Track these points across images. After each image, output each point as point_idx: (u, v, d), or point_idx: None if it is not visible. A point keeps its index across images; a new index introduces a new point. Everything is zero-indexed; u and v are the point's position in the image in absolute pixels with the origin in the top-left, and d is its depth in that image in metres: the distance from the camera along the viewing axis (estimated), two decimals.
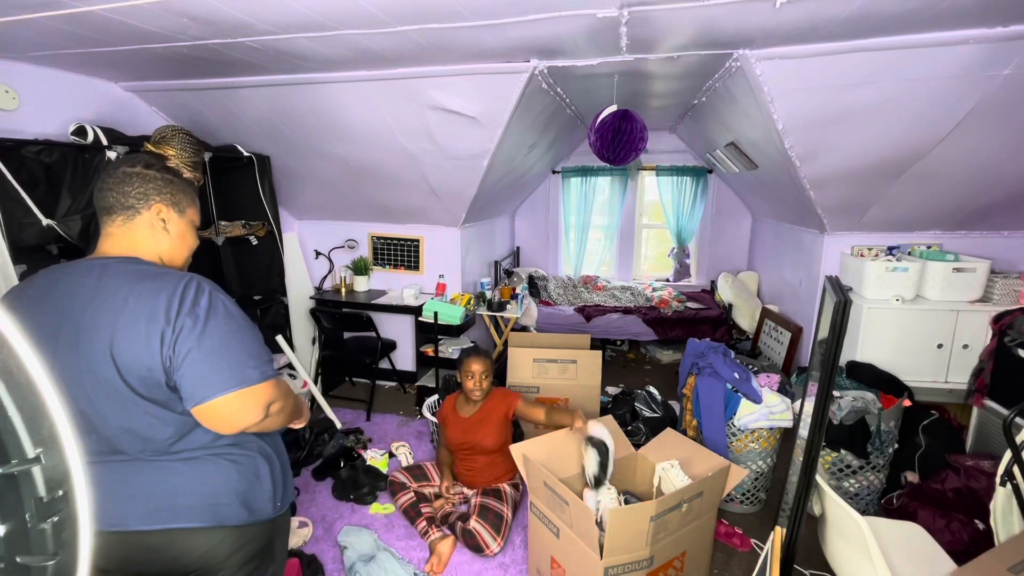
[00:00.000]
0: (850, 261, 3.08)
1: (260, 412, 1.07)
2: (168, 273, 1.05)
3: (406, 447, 3.05)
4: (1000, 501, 1.65)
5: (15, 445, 0.47)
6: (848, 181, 2.76)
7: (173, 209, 1.14)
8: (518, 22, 1.70)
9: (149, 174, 1.12)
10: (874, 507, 2.42)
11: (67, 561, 0.52)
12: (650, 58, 2.19)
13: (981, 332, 2.77)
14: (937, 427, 2.55)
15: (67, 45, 1.97)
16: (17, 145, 1.99)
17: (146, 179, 1.11)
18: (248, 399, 1.04)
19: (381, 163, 3.13)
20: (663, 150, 4.92)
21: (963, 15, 1.65)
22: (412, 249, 3.91)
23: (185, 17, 1.65)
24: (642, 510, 1.61)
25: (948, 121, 2.25)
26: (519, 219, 5.51)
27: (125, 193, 1.09)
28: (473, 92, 2.43)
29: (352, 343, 3.88)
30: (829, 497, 1.63)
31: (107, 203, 1.09)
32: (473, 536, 2.23)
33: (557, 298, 4.76)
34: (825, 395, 1.51)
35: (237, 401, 1.03)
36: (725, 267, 5.08)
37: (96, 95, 2.57)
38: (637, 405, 3.11)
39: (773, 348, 3.90)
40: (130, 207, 1.09)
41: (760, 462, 2.47)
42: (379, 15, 1.64)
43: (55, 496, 0.50)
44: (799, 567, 2.11)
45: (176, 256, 1.17)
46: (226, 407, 1.02)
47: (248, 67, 2.29)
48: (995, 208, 2.92)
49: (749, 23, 1.74)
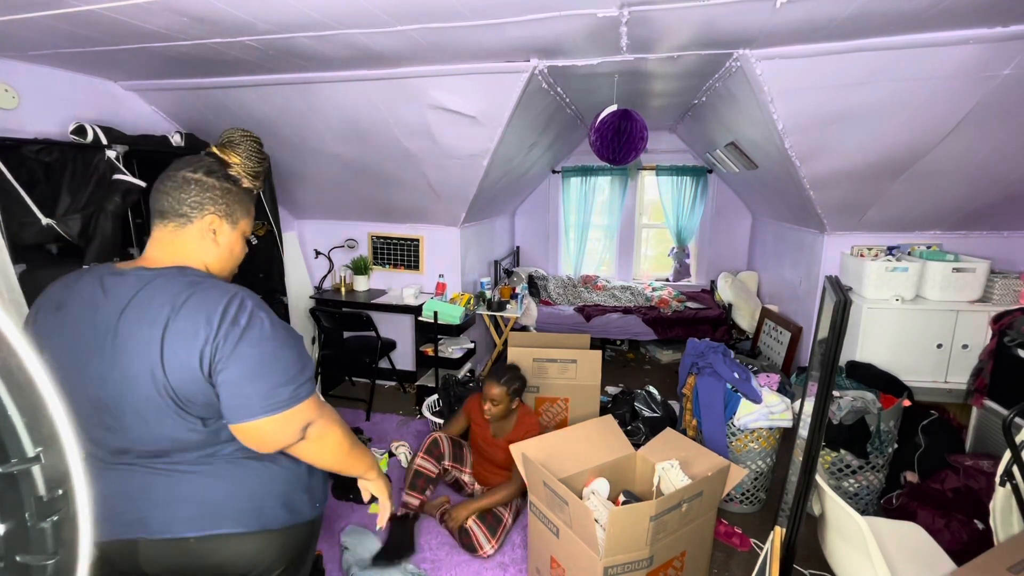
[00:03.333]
0: (850, 261, 3.08)
1: (295, 434, 1.05)
2: (213, 286, 1.01)
3: (406, 447, 3.05)
4: (1000, 501, 1.65)
5: (15, 444, 0.47)
6: (848, 181, 2.76)
7: (226, 221, 1.12)
8: (518, 22, 1.70)
9: (208, 182, 1.09)
10: (874, 507, 2.42)
11: (67, 560, 0.52)
12: (650, 58, 2.19)
13: (981, 332, 2.78)
14: (937, 427, 2.55)
15: (67, 44, 1.97)
16: (17, 144, 1.99)
17: (204, 187, 1.08)
18: (280, 423, 1.02)
19: (381, 163, 3.13)
20: (663, 150, 4.92)
21: (963, 15, 1.65)
22: (412, 249, 3.91)
23: (185, 16, 1.65)
24: (642, 510, 1.61)
25: (948, 121, 2.25)
26: (519, 219, 5.51)
27: (181, 200, 1.06)
28: (473, 91, 2.43)
29: (352, 343, 3.88)
30: (829, 497, 1.63)
31: (161, 207, 1.07)
32: (468, 535, 2.23)
33: (557, 298, 4.76)
34: (825, 395, 1.51)
35: (269, 426, 1.01)
36: (725, 267, 5.08)
37: (96, 94, 2.56)
38: (637, 405, 3.11)
39: (773, 348, 3.90)
40: (183, 215, 1.07)
41: (760, 462, 2.47)
42: (379, 15, 1.64)
43: (55, 495, 0.50)
44: (799, 567, 2.11)
45: (223, 267, 1.15)
46: (258, 431, 1.01)
47: (248, 66, 2.28)
48: (995, 208, 2.92)
49: (749, 23, 1.74)
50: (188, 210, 1.07)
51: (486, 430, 2.52)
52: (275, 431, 1.02)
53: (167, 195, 1.06)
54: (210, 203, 1.09)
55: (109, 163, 2.20)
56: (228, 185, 1.12)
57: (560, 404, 3.13)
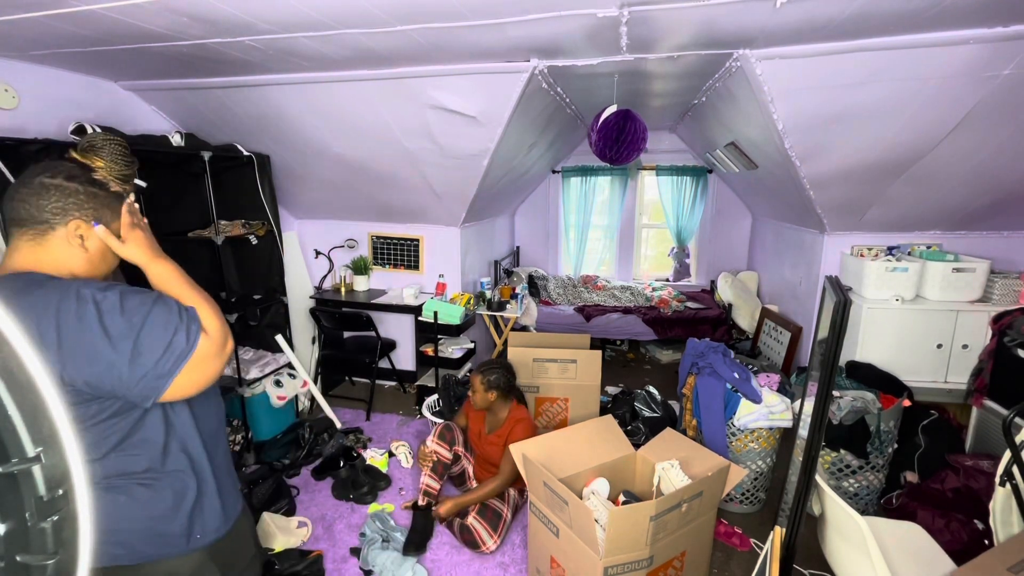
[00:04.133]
0: (850, 261, 3.08)
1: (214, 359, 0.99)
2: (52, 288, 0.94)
3: (406, 447, 3.05)
4: (999, 501, 1.65)
5: (15, 444, 0.47)
6: (848, 181, 2.76)
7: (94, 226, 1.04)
8: (518, 22, 1.70)
9: (70, 187, 1.01)
10: (873, 507, 2.42)
11: (67, 560, 0.52)
12: (650, 58, 2.19)
13: (981, 332, 2.78)
14: (936, 427, 2.55)
15: (67, 44, 1.97)
16: (17, 144, 1.99)
17: (66, 192, 1.01)
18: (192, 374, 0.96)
19: (381, 163, 3.13)
20: (663, 150, 4.92)
21: (963, 15, 1.65)
22: (412, 249, 3.91)
23: (185, 16, 1.65)
24: (642, 510, 1.61)
25: (948, 121, 2.25)
26: (519, 219, 5.51)
27: (40, 207, 0.99)
28: (473, 91, 2.43)
29: (352, 343, 3.88)
30: (829, 497, 1.63)
31: (18, 214, 0.99)
32: (470, 532, 2.24)
33: (557, 298, 4.76)
34: (825, 395, 1.51)
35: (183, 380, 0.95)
36: (725, 267, 5.08)
37: (96, 94, 2.56)
38: (637, 405, 3.11)
39: (773, 348, 3.90)
40: (44, 222, 0.99)
41: (760, 462, 2.47)
42: (379, 14, 1.64)
43: (55, 495, 0.50)
44: (799, 567, 2.11)
45: (96, 272, 1.07)
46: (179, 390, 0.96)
47: (248, 66, 2.29)
48: (995, 208, 2.92)
49: (749, 23, 1.74)
50: (49, 216, 1.00)
51: (480, 426, 2.56)
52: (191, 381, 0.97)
53: (24, 202, 1.00)
54: (75, 208, 1.02)
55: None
56: (93, 190, 1.05)
57: (560, 404, 3.13)
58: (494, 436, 2.49)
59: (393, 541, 2.28)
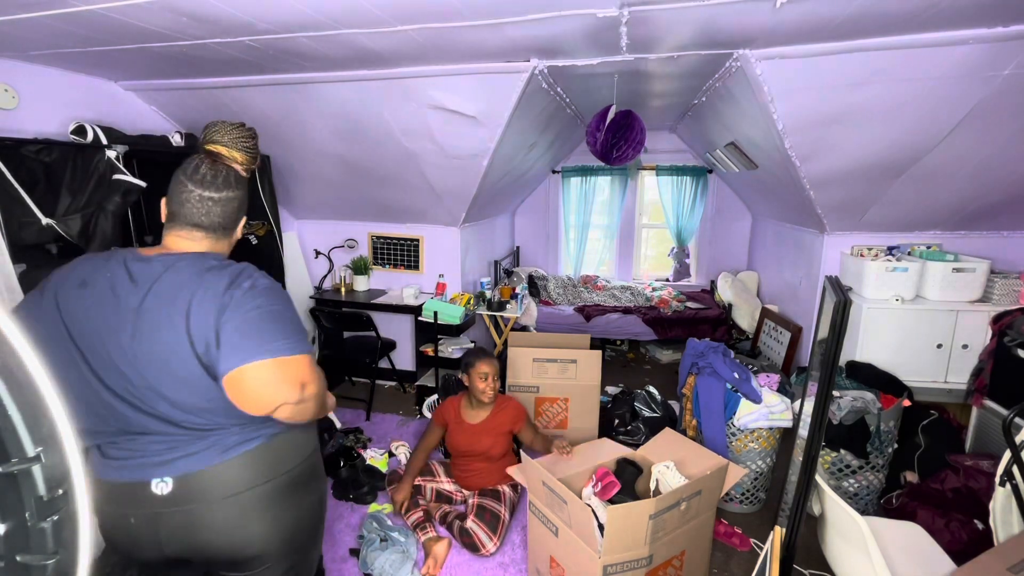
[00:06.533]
0: (850, 261, 3.08)
1: (293, 391, 1.04)
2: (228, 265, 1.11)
3: (405, 447, 3.05)
4: (999, 501, 1.65)
5: (15, 444, 0.47)
6: (848, 181, 2.76)
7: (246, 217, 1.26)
8: (518, 22, 1.70)
9: (239, 195, 1.19)
10: (873, 507, 2.42)
11: (67, 560, 0.52)
12: (650, 58, 2.19)
13: (981, 332, 2.77)
14: (936, 427, 2.55)
15: (67, 44, 1.97)
16: (17, 144, 1.99)
17: (242, 200, 1.21)
18: (277, 372, 1.02)
19: (381, 163, 3.13)
20: (663, 150, 4.92)
21: (963, 15, 1.65)
22: (412, 249, 3.91)
23: (185, 16, 1.65)
24: (641, 508, 1.61)
25: (948, 121, 2.25)
26: (519, 219, 5.51)
27: (226, 216, 1.17)
28: (473, 91, 2.43)
29: (352, 342, 3.88)
30: (829, 497, 1.63)
31: (195, 220, 1.13)
32: (469, 535, 2.23)
33: (557, 298, 4.76)
34: (825, 395, 1.51)
35: (265, 373, 1.01)
36: (725, 267, 5.08)
37: (96, 94, 2.56)
38: (637, 405, 3.12)
39: (773, 348, 3.90)
40: (225, 228, 1.18)
41: (760, 462, 2.47)
42: (379, 14, 1.64)
43: (55, 495, 0.50)
44: (799, 567, 2.11)
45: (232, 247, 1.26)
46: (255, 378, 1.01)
47: (248, 66, 2.28)
48: (995, 208, 2.92)
49: (749, 23, 1.74)
50: (231, 223, 1.19)
51: (475, 427, 2.46)
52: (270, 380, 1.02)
53: (208, 214, 1.14)
54: (242, 210, 1.22)
55: (109, 163, 2.20)
56: (245, 189, 1.23)
57: (560, 404, 3.13)
58: (487, 423, 2.44)
59: (392, 541, 2.28)
